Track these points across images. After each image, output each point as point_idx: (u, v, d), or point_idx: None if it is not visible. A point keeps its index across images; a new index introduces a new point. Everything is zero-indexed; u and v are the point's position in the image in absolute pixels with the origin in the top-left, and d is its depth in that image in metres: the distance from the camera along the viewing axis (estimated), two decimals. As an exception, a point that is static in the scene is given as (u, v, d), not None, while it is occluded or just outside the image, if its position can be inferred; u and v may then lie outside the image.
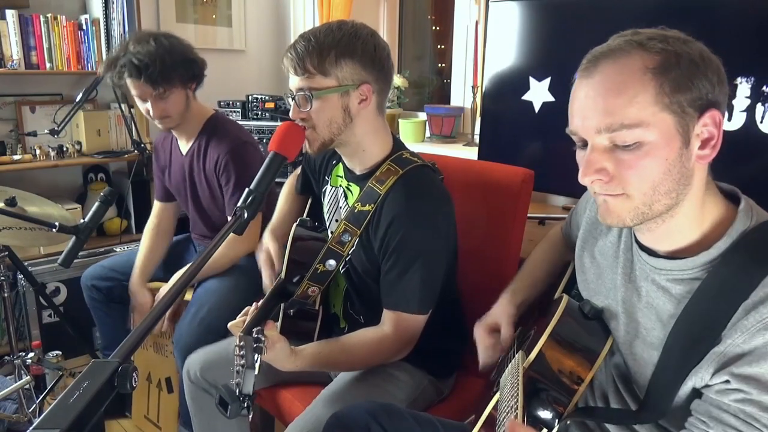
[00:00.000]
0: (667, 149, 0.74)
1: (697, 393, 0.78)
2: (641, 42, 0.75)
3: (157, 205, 2.06)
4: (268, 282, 1.42)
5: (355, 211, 1.26)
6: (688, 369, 0.76)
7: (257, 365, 1.01)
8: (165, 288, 1.83)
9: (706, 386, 0.75)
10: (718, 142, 0.75)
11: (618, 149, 0.75)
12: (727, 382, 0.73)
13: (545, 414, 0.83)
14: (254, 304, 1.29)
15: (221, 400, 1.00)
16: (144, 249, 1.96)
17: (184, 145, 1.88)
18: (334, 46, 1.15)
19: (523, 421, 0.77)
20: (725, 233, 0.77)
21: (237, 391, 1.00)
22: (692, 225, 0.79)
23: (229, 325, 1.27)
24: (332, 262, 1.29)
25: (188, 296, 1.82)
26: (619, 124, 0.74)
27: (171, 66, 1.66)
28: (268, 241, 1.48)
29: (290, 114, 1.19)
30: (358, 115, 1.20)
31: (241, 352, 1.02)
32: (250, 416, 1.01)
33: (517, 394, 0.80)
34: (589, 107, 0.77)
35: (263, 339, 1.06)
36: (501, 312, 1.12)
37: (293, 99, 1.19)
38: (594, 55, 0.78)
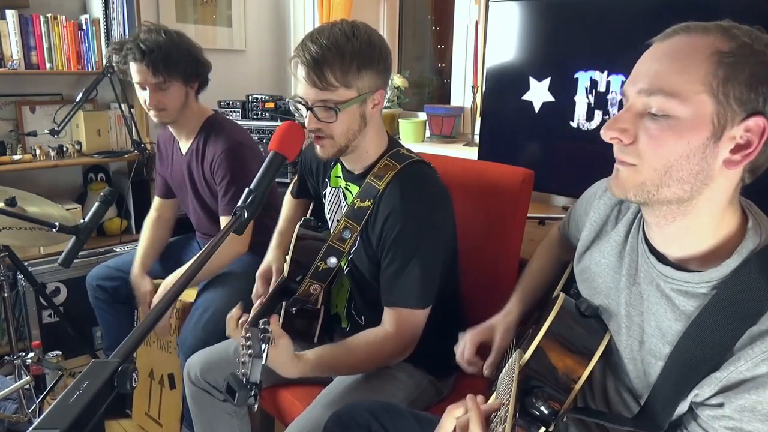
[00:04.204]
0: (693, 133, 0.70)
1: (691, 406, 0.78)
2: (725, 27, 0.71)
3: (157, 200, 2.07)
4: (254, 296, 1.45)
5: (355, 207, 1.26)
6: (688, 388, 0.75)
7: (265, 355, 1.01)
8: (164, 285, 1.83)
9: (701, 404, 0.75)
10: (753, 153, 0.70)
11: (648, 117, 0.73)
12: (721, 405, 0.72)
13: (541, 411, 0.83)
14: (258, 301, 1.30)
15: (229, 387, 1.00)
16: (144, 240, 1.98)
17: (184, 145, 1.89)
18: (354, 56, 1.12)
19: (514, 417, 0.77)
20: (735, 250, 0.74)
21: (244, 380, 1.00)
22: (706, 233, 0.77)
23: (228, 317, 1.25)
24: (333, 260, 1.29)
25: (187, 297, 1.82)
26: (658, 88, 0.71)
27: (176, 58, 1.68)
28: (272, 252, 1.50)
29: (306, 124, 1.17)
30: (370, 120, 1.21)
31: (248, 343, 1.02)
32: (256, 406, 1.01)
33: (511, 391, 0.80)
34: (643, 69, 0.75)
35: (270, 329, 1.06)
36: (498, 337, 1.10)
37: (309, 110, 1.16)
38: (676, 27, 0.75)
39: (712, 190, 0.74)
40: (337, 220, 1.31)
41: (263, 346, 1.02)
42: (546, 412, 0.83)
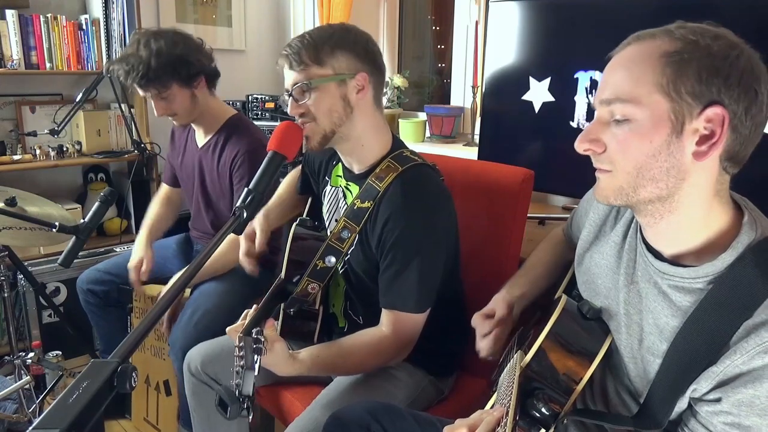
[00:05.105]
0: (654, 132, 0.74)
1: (690, 402, 0.78)
2: (671, 30, 0.75)
3: (164, 186, 2.10)
4: (241, 255, 1.36)
5: (355, 207, 1.26)
6: (686, 384, 0.76)
7: (257, 366, 1.01)
8: (165, 290, 1.82)
9: (700, 399, 0.76)
10: (718, 142, 0.72)
11: (614, 124, 0.77)
12: (719, 400, 0.73)
13: (541, 412, 0.83)
14: (254, 306, 1.29)
15: (221, 401, 1.00)
16: (152, 213, 2.02)
17: (201, 139, 1.89)
18: (328, 39, 1.17)
19: (515, 419, 0.77)
20: (730, 245, 0.75)
21: (236, 392, 1.00)
22: (696, 228, 0.78)
23: (227, 329, 1.26)
24: (332, 259, 1.29)
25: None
26: (616, 97, 0.76)
27: (156, 69, 1.65)
28: (257, 218, 1.43)
29: (288, 110, 1.20)
30: (358, 106, 1.21)
31: (241, 353, 1.02)
32: (250, 417, 1.01)
33: (512, 393, 0.80)
34: (604, 81, 0.80)
35: (263, 339, 1.06)
36: (496, 298, 1.14)
37: (290, 95, 1.20)
38: (629, 38, 0.79)
39: (691, 184, 0.76)
40: (336, 220, 1.31)
41: (255, 357, 1.01)
42: (547, 413, 0.83)
